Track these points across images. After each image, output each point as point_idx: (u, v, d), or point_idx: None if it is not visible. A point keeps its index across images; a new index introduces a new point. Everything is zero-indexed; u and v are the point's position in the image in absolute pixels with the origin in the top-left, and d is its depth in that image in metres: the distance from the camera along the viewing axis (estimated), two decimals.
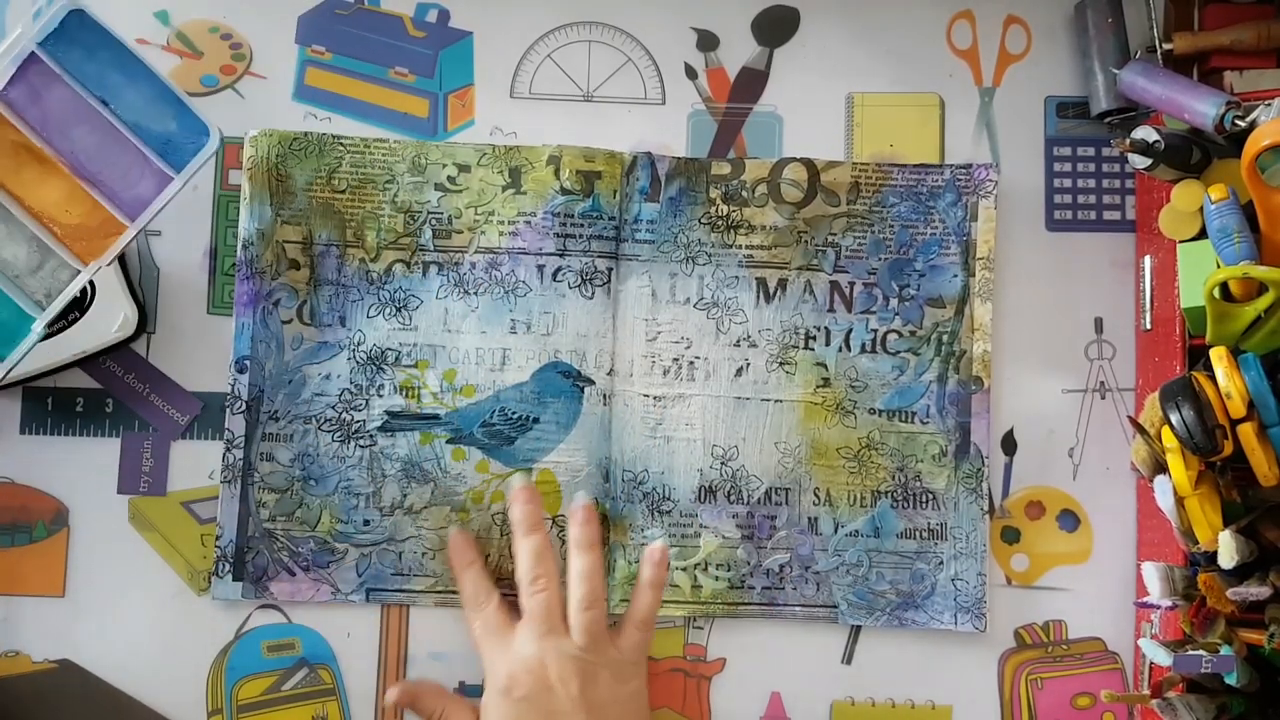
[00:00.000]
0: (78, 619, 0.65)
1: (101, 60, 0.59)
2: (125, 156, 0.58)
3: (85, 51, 0.58)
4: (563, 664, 0.60)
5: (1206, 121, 0.59)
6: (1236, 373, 0.54)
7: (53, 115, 0.56)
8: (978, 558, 0.66)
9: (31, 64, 0.58)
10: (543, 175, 0.67)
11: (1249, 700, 0.58)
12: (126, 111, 0.58)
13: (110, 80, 0.59)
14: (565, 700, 0.59)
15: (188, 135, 0.60)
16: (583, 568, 0.62)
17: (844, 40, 0.70)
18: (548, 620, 0.61)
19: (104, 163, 0.56)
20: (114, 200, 0.59)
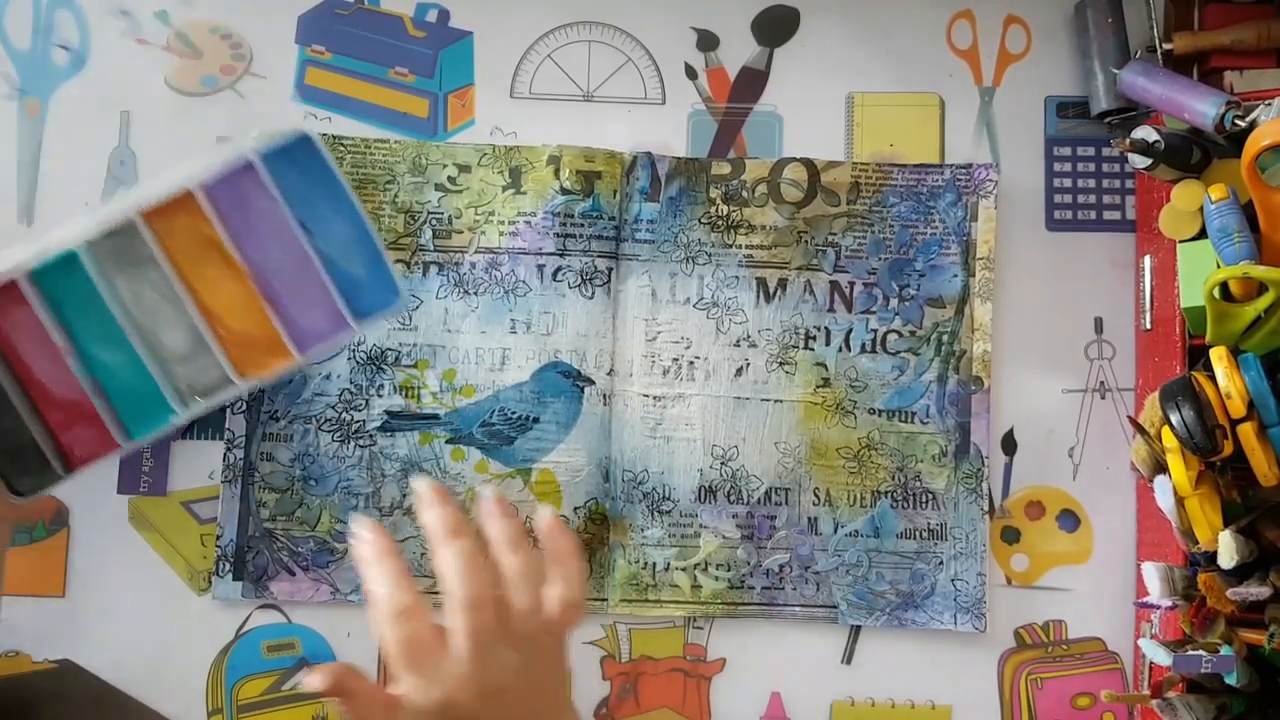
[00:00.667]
0: (78, 619, 0.65)
1: (315, 188, 0.59)
2: (310, 287, 0.59)
3: (301, 175, 0.59)
4: (505, 676, 0.52)
5: (1206, 121, 0.59)
6: (1236, 373, 0.54)
7: (253, 226, 0.57)
8: (978, 558, 0.66)
9: (246, 171, 0.59)
10: (543, 175, 0.67)
11: (1249, 700, 0.58)
12: (324, 244, 0.59)
13: (318, 209, 0.59)
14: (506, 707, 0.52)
15: (376, 287, 0.60)
16: (521, 568, 0.53)
17: (844, 40, 0.70)
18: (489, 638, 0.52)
19: (288, 286, 0.56)
20: (286, 324, 0.60)
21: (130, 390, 0.59)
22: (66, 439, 0.59)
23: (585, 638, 0.66)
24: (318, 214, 0.59)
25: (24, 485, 0.58)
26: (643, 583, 0.66)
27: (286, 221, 0.59)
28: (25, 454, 0.58)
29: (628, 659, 0.66)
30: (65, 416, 0.59)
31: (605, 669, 0.66)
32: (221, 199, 0.58)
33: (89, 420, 0.59)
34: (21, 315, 0.57)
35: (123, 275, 0.59)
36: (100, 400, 0.58)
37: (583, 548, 0.65)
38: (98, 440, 0.59)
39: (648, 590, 0.66)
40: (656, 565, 0.66)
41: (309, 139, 0.59)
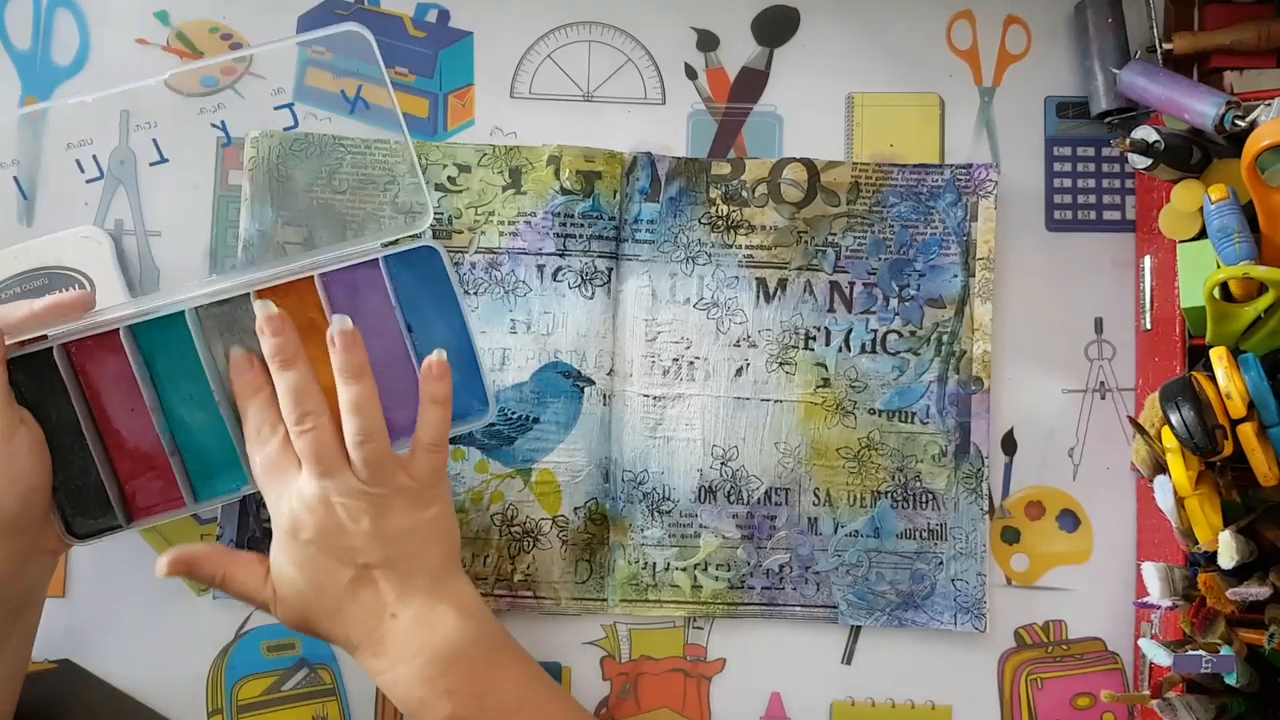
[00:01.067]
0: (78, 619, 0.65)
1: (427, 293, 0.60)
2: (402, 385, 0.59)
3: (417, 279, 0.60)
4: (349, 500, 0.55)
5: (1206, 121, 0.59)
6: (1236, 373, 0.54)
7: (359, 315, 0.57)
8: (978, 558, 0.66)
9: (365, 266, 0.59)
10: (543, 175, 0.67)
11: (1249, 700, 0.58)
12: (424, 346, 0.59)
13: (424, 312, 0.60)
14: (358, 537, 0.55)
15: (467, 398, 0.60)
16: (352, 399, 0.56)
17: (844, 40, 0.70)
18: (324, 459, 0.55)
19: (381, 379, 0.56)
20: None
21: (205, 454, 0.59)
22: (131, 488, 0.59)
23: (585, 638, 0.66)
24: (423, 317, 0.60)
25: (82, 527, 0.58)
26: (643, 583, 0.66)
27: (394, 320, 0.59)
28: (89, 496, 0.58)
29: (628, 659, 0.66)
30: (135, 466, 0.59)
31: (605, 669, 0.66)
32: (334, 286, 0.59)
33: (158, 474, 0.59)
34: (113, 363, 0.58)
35: (221, 342, 0.59)
36: (175, 458, 0.59)
37: (585, 545, 0.66)
38: (163, 495, 0.59)
39: (648, 590, 0.66)
40: (656, 565, 0.66)
41: (434, 252, 0.60)
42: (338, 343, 0.56)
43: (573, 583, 0.66)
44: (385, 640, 0.56)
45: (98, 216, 0.67)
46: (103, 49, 0.68)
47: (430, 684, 0.55)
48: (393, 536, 0.56)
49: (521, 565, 0.65)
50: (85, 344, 0.58)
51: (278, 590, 0.57)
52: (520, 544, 0.66)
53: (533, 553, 0.66)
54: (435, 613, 0.56)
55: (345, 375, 0.56)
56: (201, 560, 0.57)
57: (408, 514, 0.57)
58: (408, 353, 0.59)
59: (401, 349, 0.59)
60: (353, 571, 0.56)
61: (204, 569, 0.57)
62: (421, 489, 0.57)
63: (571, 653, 0.66)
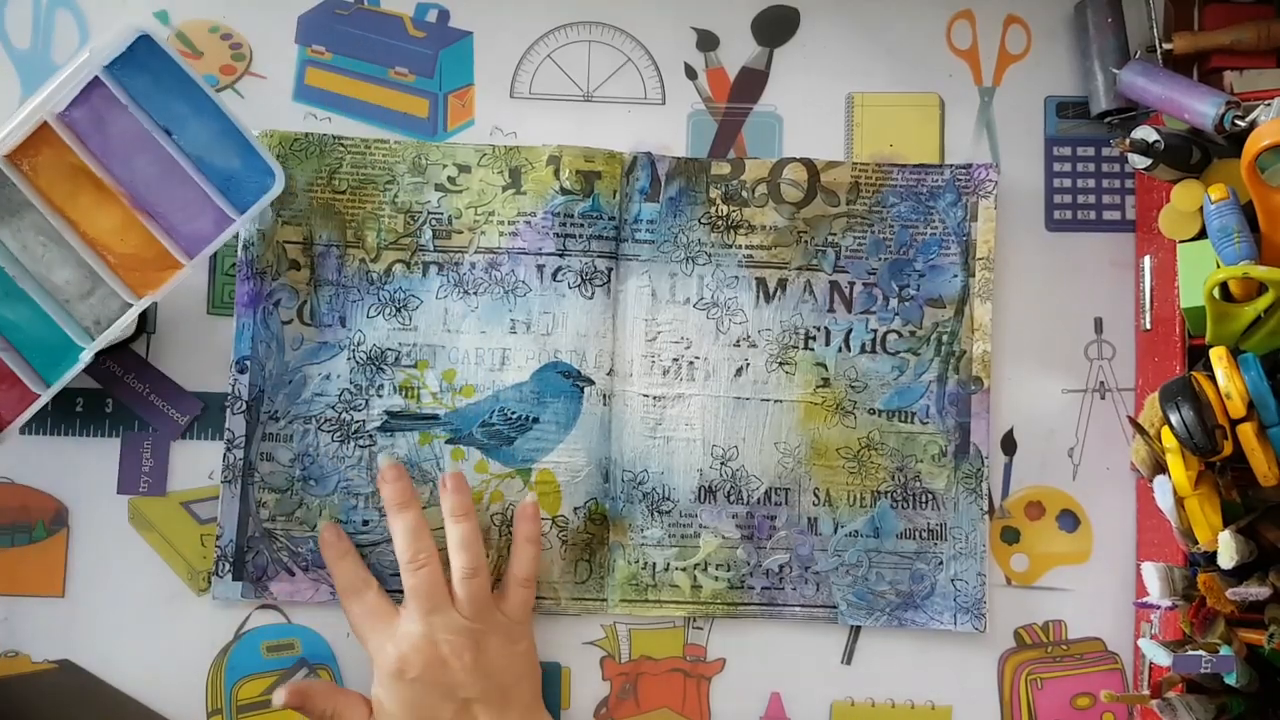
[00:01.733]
0: (78, 619, 0.65)
1: (167, 89, 0.57)
2: (186, 191, 0.57)
3: (152, 79, 0.57)
4: (453, 637, 0.60)
5: (1206, 121, 0.59)
6: (1236, 373, 0.54)
7: (114, 142, 0.55)
8: (977, 558, 0.66)
9: (96, 88, 0.57)
10: (543, 175, 0.67)
11: (1249, 700, 0.58)
12: (190, 145, 0.57)
13: (175, 110, 0.58)
14: (460, 672, 0.59)
15: (251, 174, 0.59)
16: (461, 536, 0.61)
17: (844, 40, 0.70)
18: (432, 596, 0.60)
19: (163, 195, 0.55)
20: (171, 234, 0.59)
21: (38, 340, 0.58)
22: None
23: (585, 638, 0.66)
24: (176, 115, 0.57)
25: None
26: (643, 583, 0.66)
27: (146, 131, 0.57)
28: None
29: (628, 659, 0.66)
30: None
31: (605, 669, 0.66)
32: (78, 123, 0.56)
33: (5, 379, 0.58)
34: None
35: (4, 227, 0.57)
36: (10, 355, 0.57)
37: (585, 545, 0.66)
38: (18, 396, 0.58)
39: (648, 590, 0.66)
40: (656, 565, 0.66)
41: (149, 38, 0.57)
42: (449, 485, 0.63)
43: (572, 583, 0.66)
44: None
45: None
46: None
47: None
48: (490, 671, 0.60)
49: None
50: None
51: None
52: None
53: None
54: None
55: (455, 515, 0.62)
56: (316, 696, 0.61)
57: (502, 649, 0.61)
58: (176, 159, 0.57)
59: (168, 156, 0.57)
60: (454, 706, 0.59)
61: (317, 704, 0.61)
62: (513, 624, 0.62)
63: (571, 653, 0.66)
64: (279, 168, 0.59)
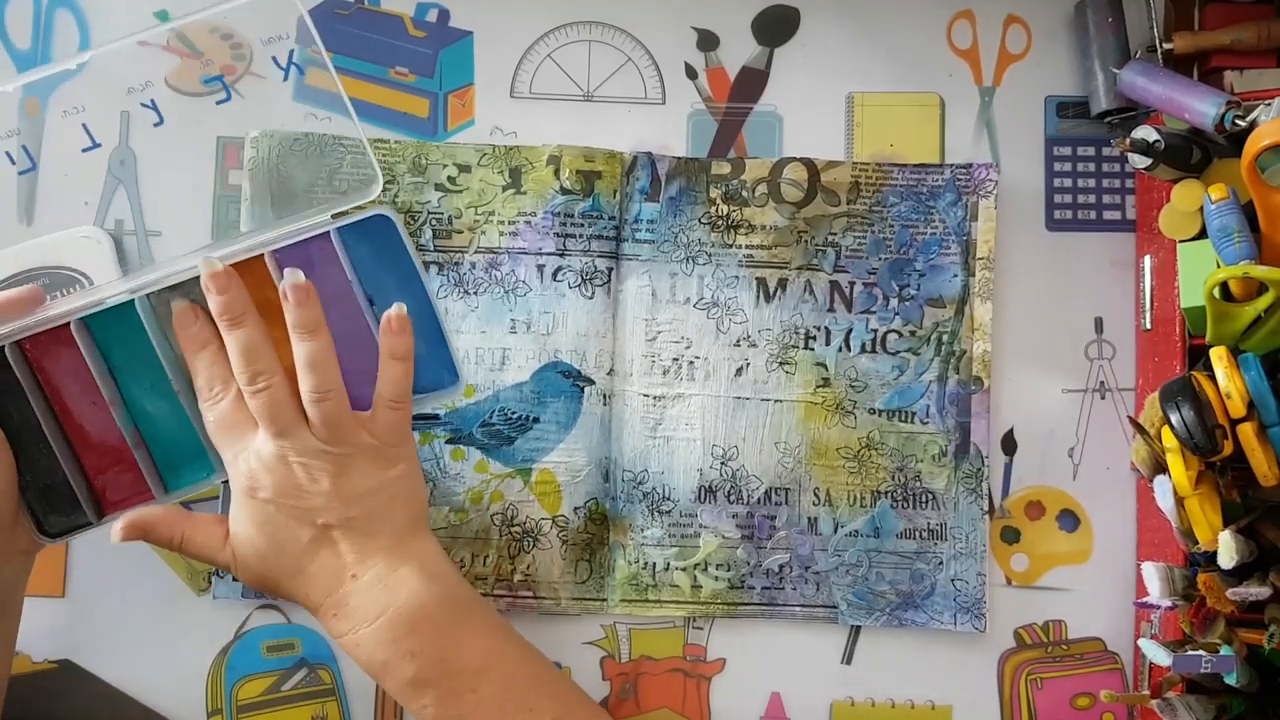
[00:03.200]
0: (78, 619, 0.65)
1: (385, 263, 0.58)
2: (365, 358, 0.57)
3: (373, 249, 0.58)
4: (308, 460, 0.54)
5: (1206, 121, 0.59)
6: (1236, 373, 0.54)
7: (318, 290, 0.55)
8: (978, 558, 0.66)
9: (319, 239, 0.57)
10: (543, 175, 0.67)
11: (1249, 700, 0.58)
12: None
13: (384, 284, 0.58)
14: (317, 496, 0.54)
15: (432, 366, 0.59)
16: (308, 355, 0.54)
17: (844, 40, 0.70)
18: (279, 418, 0.54)
19: (344, 354, 0.55)
20: None
21: (171, 444, 0.58)
22: (100, 483, 0.58)
23: (585, 638, 0.66)
24: (384, 288, 0.58)
25: (54, 525, 0.57)
26: (643, 583, 0.66)
27: (352, 292, 0.58)
28: (58, 494, 0.57)
29: (627, 659, 0.66)
30: (101, 461, 0.57)
31: (605, 669, 0.66)
32: (288, 262, 0.56)
33: (126, 467, 0.58)
34: (68, 358, 0.56)
35: None
36: (140, 450, 0.58)
37: (585, 545, 0.66)
38: (133, 488, 0.58)
39: (648, 590, 0.66)
40: (656, 565, 0.66)
41: (388, 220, 0.58)
42: (290, 297, 0.54)
43: (573, 583, 0.66)
44: (347, 601, 0.55)
45: (98, 216, 0.67)
46: None
47: (393, 645, 0.54)
48: (354, 496, 0.55)
49: (521, 565, 0.65)
50: (39, 340, 0.56)
51: (237, 551, 0.56)
52: (520, 544, 0.66)
53: (533, 553, 0.66)
54: (398, 574, 0.55)
55: (299, 331, 0.54)
56: (158, 523, 0.56)
57: (370, 473, 0.56)
58: (370, 327, 0.58)
59: (364, 324, 0.58)
60: (312, 531, 0.55)
61: (161, 532, 0.56)
62: (384, 447, 0.56)
63: (571, 653, 0.66)
64: (464, 374, 0.59)
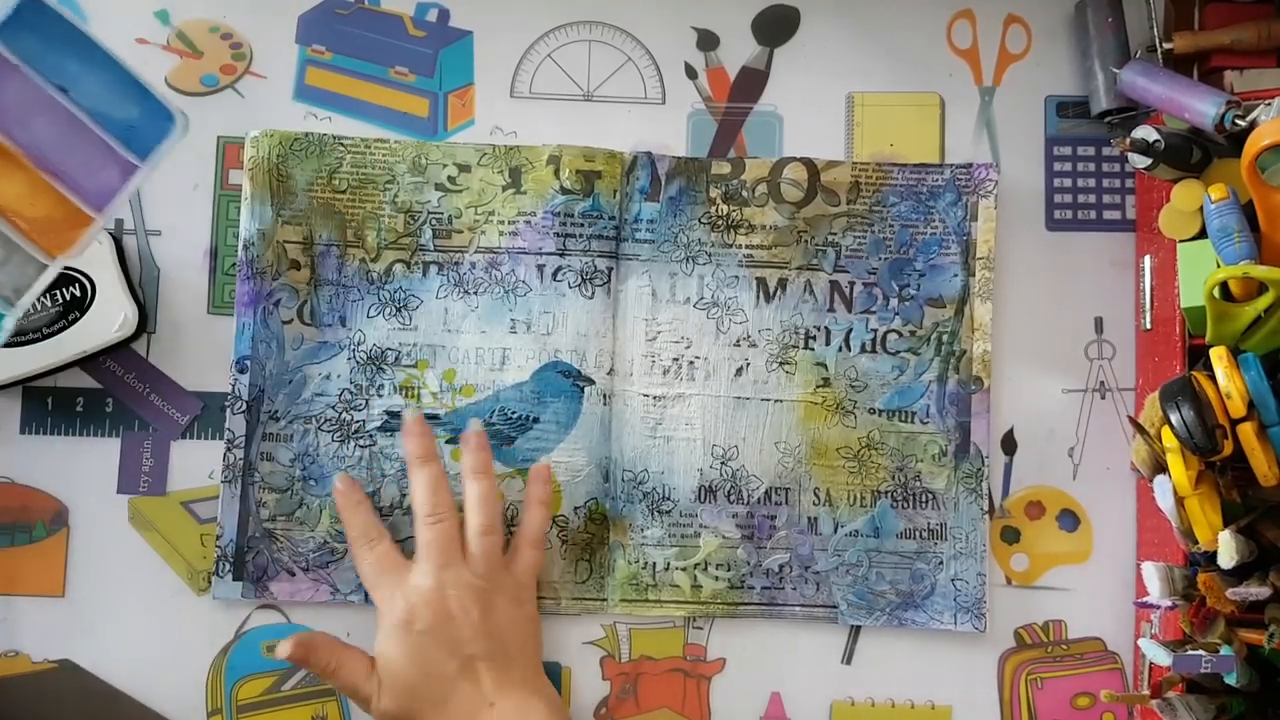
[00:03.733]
0: (78, 619, 0.65)
1: (59, 48, 0.56)
2: (88, 146, 0.56)
3: (42, 39, 0.56)
4: (463, 592, 0.60)
5: (1206, 121, 0.59)
6: (1236, 373, 0.54)
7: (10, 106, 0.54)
8: (978, 558, 0.66)
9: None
10: (543, 175, 0.67)
11: (1249, 700, 0.58)
12: (86, 99, 0.56)
13: (68, 68, 0.56)
14: (467, 628, 0.59)
15: (152, 122, 0.57)
16: (479, 493, 0.62)
17: (844, 40, 0.70)
18: (446, 550, 0.60)
19: (66, 153, 0.54)
20: (79, 191, 0.57)
21: None
22: None
23: (585, 638, 0.66)
24: (70, 72, 0.56)
25: None
26: (643, 583, 0.66)
27: (41, 90, 0.56)
28: None
29: (628, 659, 0.66)
30: None
31: (605, 669, 0.66)
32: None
33: None
34: None
35: None
36: None
37: (585, 545, 0.66)
38: None
39: (648, 590, 0.66)
40: (656, 565, 0.66)
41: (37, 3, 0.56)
42: (471, 442, 0.63)
43: (573, 582, 0.66)
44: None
45: None
46: None
47: None
48: (496, 630, 0.60)
49: None
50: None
51: (384, 682, 0.60)
52: None
53: None
54: (529, 705, 0.60)
55: (474, 472, 0.62)
56: (320, 649, 0.61)
57: (509, 610, 0.61)
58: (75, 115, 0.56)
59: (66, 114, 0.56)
60: (459, 662, 0.59)
61: (321, 657, 0.60)
62: (519, 587, 0.62)
63: (571, 653, 0.66)
64: (179, 111, 0.57)
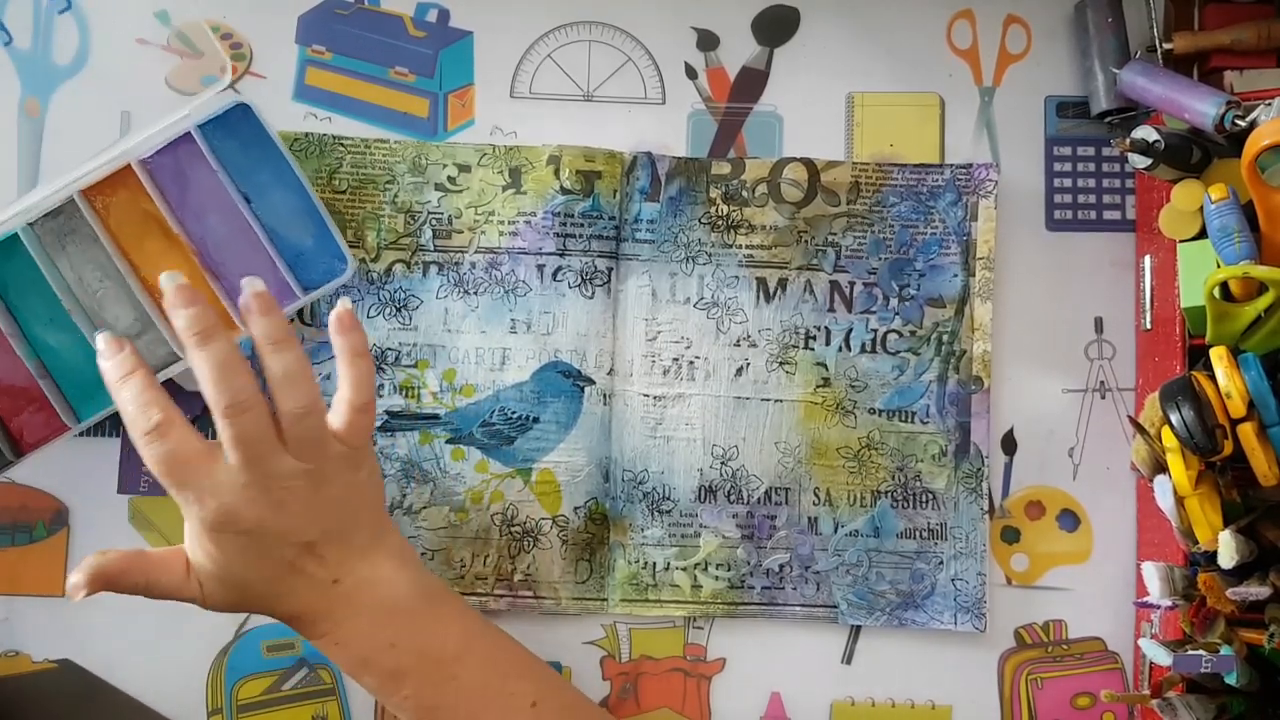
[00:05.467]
0: (78, 619, 0.65)
1: (254, 157, 0.59)
2: (254, 258, 0.58)
3: (240, 145, 0.59)
4: (289, 482, 0.51)
5: (1206, 121, 0.59)
6: (1236, 372, 0.54)
7: (191, 196, 0.56)
8: (978, 558, 0.66)
9: (184, 142, 0.58)
10: (543, 175, 0.67)
11: (1249, 700, 0.58)
12: (266, 214, 0.58)
13: (258, 179, 0.59)
14: (298, 517, 0.52)
15: (322, 256, 0.59)
16: (284, 369, 0.51)
17: (844, 40, 0.70)
18: (261, 442, 0.50)
19: (230, 257, 0.56)
20: (233, 298, 0.59)
21: (77, 372, 0.59)
22: (15, 425, 0.59)
23: (585, 638, 0.66)
24: (258, 184, 0.58)
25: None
26: (643, 582, 0.66)
27: (226, 192, 0.58)
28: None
29: (628, 659, 0.66)
30: (13, 403, 0.59)
31: (605, 669, 0.66)
32: (160, 172, 0.58)
33: (38, 405, 0.59)
34: None
35: (64, 256, 0.58)
36: (47, 383, 0.58)
37: (585, 545, 0.66)
38: (47, 424, 0.59)
39: (648, 590, 0.66)
40: (656, 565, 0.66)
41: (248, 109, 0.58)
42: (253, 306, 0.51)
43: (573, 582, 0.66)
44: (332, 609, 0.54)
45: None
46: (103, 49, 0.68)
47: (372, 639, 0.54)
48: (330, 507, 0.53)
49: (521, 565, 0.66)
50: None
51: (206, 585, 0.53)
52: (520, 544, 0.66)
53: (533, 552, 0.66)
54: (375, 570, 0.54)
55: (268, 344, 0.51)
56: (121, 575, 0.52)
57: (342, 480, 0.53)
58: (250, 225, 0.58)
59: (244, 222, 0.58)
60: (294, 550, 0.52)
61: (126, 581, 0.52)
62: (352, 452, 0.53)
63: (571, 653, 0.66)
64: (352, 256, 0.60)
